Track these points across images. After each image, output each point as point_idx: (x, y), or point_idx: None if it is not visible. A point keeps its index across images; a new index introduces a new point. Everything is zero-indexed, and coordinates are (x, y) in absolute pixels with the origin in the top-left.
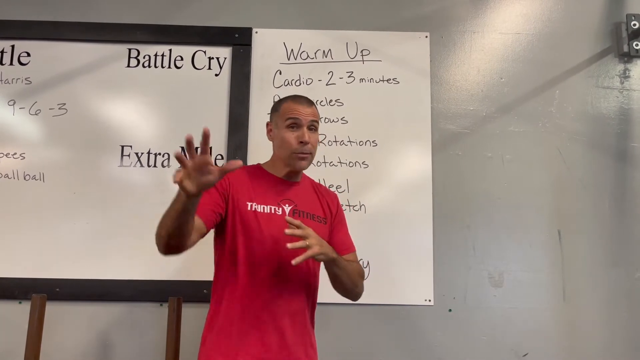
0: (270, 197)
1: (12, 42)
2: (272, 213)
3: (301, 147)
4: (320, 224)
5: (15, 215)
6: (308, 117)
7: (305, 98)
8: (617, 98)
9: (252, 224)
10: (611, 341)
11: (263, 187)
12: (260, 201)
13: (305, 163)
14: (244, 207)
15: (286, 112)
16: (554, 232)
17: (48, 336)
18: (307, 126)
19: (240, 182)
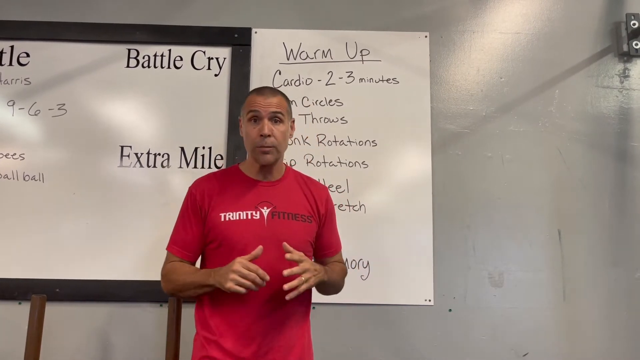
0: (246, 201)
1: (12, 43)
2: (249, 219)
3: (261, 140)
4: (305, 223)
5: (15, 216)
6: (268, 108)
7: (269, 88)
8: (616, 97)
9: (228, 234)
10: (611, 341)
11: (237, 192)
12: (234, 208)
13: (269, 157)
14: (218, 220)
15: (248, 105)
16: (554, 232)
17: (48, 337)
18: (268, 117)
19: (210, 194)
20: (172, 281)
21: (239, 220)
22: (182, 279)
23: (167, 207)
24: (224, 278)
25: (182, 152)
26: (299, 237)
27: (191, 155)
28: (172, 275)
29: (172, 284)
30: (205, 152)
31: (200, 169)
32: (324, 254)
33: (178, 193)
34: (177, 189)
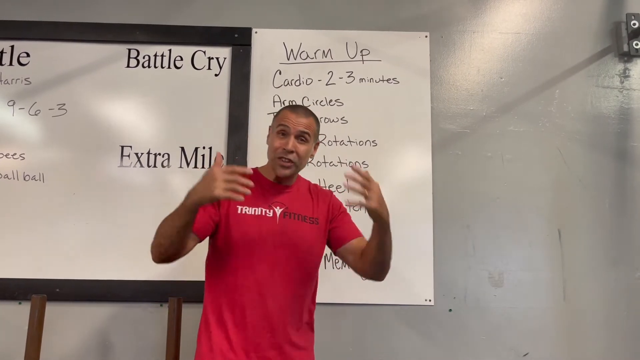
0: (261, 200)
1: (12, 43)
2: (262, 215)
3: (283, 154)
4: (312, 224)
5: (15, 216)
6: (298, 127)
7: (304, 108)
8: (617, 97)
9: (242, 226)
10: (611, 341)
11: (254, 190)
12: (250, 204)
13: (287, 171)
14: (235, 211)
15: (280, 119)
16: (554, 232)
17: (48, 337)
18: (295, 135)
19: None
20: (156, 234)
21: (253, 215)
22: (162, 223)
23: (167, 207)
24: (208, 189)
25: (183, 152)
26: (307, 237)
27: (191, 155)
28: (157, 230)
29: (157, 236)
30: (205, 152)
31: (200, 169)
32: (343, 241)
33: (178, 193)
34: (177, 189)
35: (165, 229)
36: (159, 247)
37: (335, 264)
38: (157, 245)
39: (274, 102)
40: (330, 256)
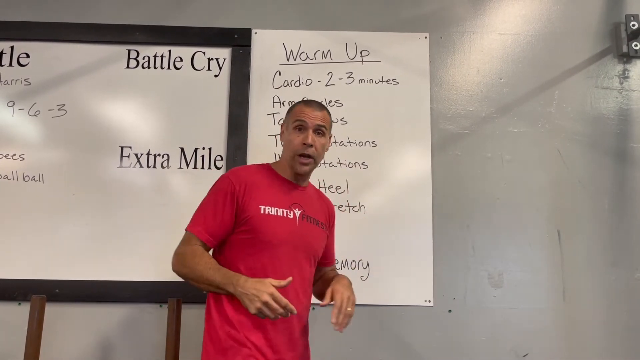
0: (281, 199)
1: (12, 43)
2: (284, 217)
3: (304, 149)
4: (323, 230)
5: (15, 217)
6: (315, 121)
7: (317, 102)
8: (616, 98)
9: (266, 227)
10: (611, 341)
11: (275, 189)
12: (272, 203)
13: (306, 168)
14: (257, 212)
15: (295, 114)
16: (553, 232)
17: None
18: (313, 129)
19: (250, 184)
20: (188, 266)
21: (276, 216)
22: (201, 269)
23: (166, 208)
24: (249, 299)
25: (182, 152)
26: (320, 242)
27: (191, 156)
28: (191, 260)
29: (187, 269)
30: (205, 153)
31: (200, 169)
32: (324, 263)
33: (178, 194)
34: (176, 190)
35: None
36: (183, 275)
37: None
38: (182, 274)
39: (274, 103)
40: None
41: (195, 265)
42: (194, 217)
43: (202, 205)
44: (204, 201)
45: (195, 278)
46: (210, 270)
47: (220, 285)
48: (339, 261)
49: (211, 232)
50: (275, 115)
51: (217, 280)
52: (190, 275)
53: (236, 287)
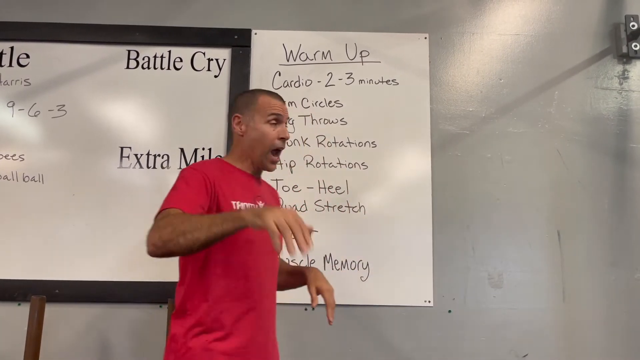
0: (247, 193)
1: (12, 44)
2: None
3: (281, 143)
4: None
5: (15, 217)
6: (286, 114)
7: (278, 93)
8: (616, 99)
9: None
10: (611, 341)
11: (239, 184)
12: (241, 198)
13: (275, 167)
14: (230, 207)
15: (267, 107)
16: (553, 233)
17: (47, 338)
18: (285, 122)
19: (220, 180)
20: (172, 224)
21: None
22: (196, 220)
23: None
24: (266, 214)
25: (182, 153)
26: None
27: (191, 156)
28: (177, 219)
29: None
30: (204, 153)
31: None
32: None
33: None
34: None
35: (191, 228)
36: (170, 242)
37: (335, 265)
38: (168, 239)
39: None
40: (329, 257)
41: (186, 220)
42: (168, 199)
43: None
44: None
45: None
46: (207, 218)
47: (228, 219)
48: (339, 261)
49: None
50: None
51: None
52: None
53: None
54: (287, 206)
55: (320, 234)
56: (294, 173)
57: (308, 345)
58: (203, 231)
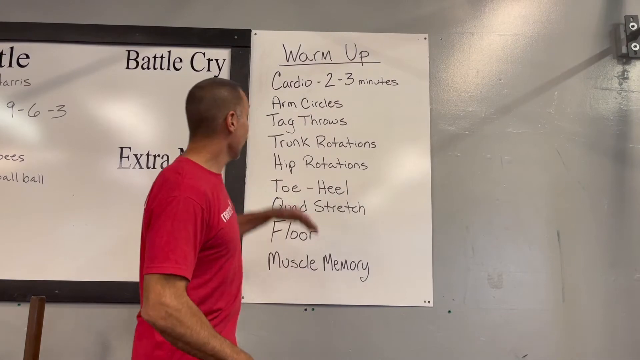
0: (224, 198)
1: (11, 44)
2: (232, 214)
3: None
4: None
5: (14, 217)
6: None
7: None
8: (615, 99)
9: (230, 233)
10: (610, 342)
11: (218, 191)
12: (224, 206)
13: None
14: (222, 222)
15: (245, 101)
16: (552, 233)
17: (47, 338)
18: None
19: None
20: (189, 327)
21: (231, 217)
22: (206, 335)
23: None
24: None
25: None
26: None
27: None
28: (190, 319)
29: (188, 330)
30: None
31: None
32: None
33: None
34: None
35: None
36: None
37: (335, 265)
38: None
39: (273, 104)
40: (329, 257)
41: (200, 329)
42: (169, 254)
43: (170, 237)
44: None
45: (196, 343)
46: (217, 340)
47: (228, 359)
48: (339, 262)
49: (191, 266)
50: (275, 116)
51: (227, 352)
52: (189, 338)
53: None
54: (287, 206)
55: (320, 234)
56: (294, 173)
57: (308, 345)
58: (201, 353)
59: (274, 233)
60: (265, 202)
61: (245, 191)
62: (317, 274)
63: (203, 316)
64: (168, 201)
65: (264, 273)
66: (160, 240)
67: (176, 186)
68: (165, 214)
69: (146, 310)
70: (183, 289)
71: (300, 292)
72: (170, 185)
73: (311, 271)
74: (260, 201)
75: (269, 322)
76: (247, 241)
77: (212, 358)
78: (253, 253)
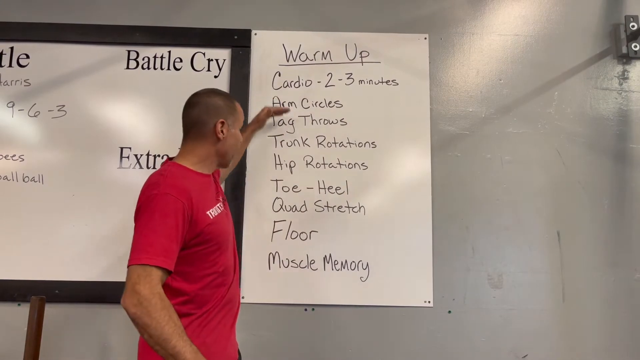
0: (213, 197)
1: (12, 44)
2: (222, 212)
3: None
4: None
5: (14, 217)
6: None
7: None
8: (615, 99)
9: (217, 230)
10: (610, 342)
11: (205, 189)
12: (212, 204)
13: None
14: (208, 219)
15: (240, 115)
16: (553, 233)
17: (47, 338)
18: None
19: (193, 194)
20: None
21: (219, 215)
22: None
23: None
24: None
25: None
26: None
27: None
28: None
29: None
30: None
31: None
32: None
33: None
34: None
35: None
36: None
37: (335, 265)
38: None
39: (274, 104)
40: (329, 257)
41: (165, 324)
42: (146, 246)
43: (148, 231)
44: (148, 226)
45: (159, 337)
46: (181, 340)
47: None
48: (339, 262)
49: (172, 259)
50: (275, 116)
51: (187, 356)
52: (153, 331)
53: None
54: (287, 206)
55: (320, 234)
56: (294, 173)
57: (308, 345)
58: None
59: (274, 233)
60: (265, 202)
61: (245, 191)
62: (317, 274)
63: (173, 312)
64: (149, 199)
65: (264, 273)
66: (139, 235)
67: (157, 185)
68: (145, 210)
69: (123, 298)
70: (158, 281)
71: (300, 292)
72: (152, 185)
73: (311, 271)
74: (260, 201)
75: (269, 322)
76: (247, 241)
77: (172, 358)
78: (253, 253)
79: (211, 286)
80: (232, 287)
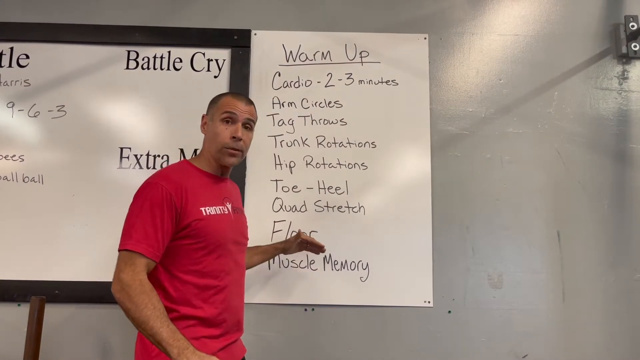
0: (214, 196)
1: (11, 44)
2: (222, 214)
3: (233, 143)
4: (244, 215)
5: (14, 218)
6: (244, 114)
7: (245, 96)
8: (615, 99)
9: (211, 228)
10: (610, 342)
11: (206, 187)
12: (209, 203)
13: (234, 160)
14: (199, 215)
15: (224, 106)
16: (553, 233)
17: (47, 338)
18: (242, 123)
19: (186, 187)
20: (134, 302)
21: (216, 214)
22: (148, 314)
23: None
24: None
25: (182, 153)
26: (247, 230)
27: (190, 156)
28: (139, 297)
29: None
30: None
31: None
32: None
33: None
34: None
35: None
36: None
37: (335, 265)
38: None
39: (273, 104)
40: (329, 258)
41: (143, 307)
42: (132, 233)
43: (136, 218)
44: (136, 214)
45: (138, 320)
46: (158, 321)
47: (162, 342)
48: (339, 262)
49: (157, 247)
50: (275, 116)
51: (163, 336)
52: (133, 314)
53: (180, 355)
54: (287, 206)
55: (320, 235)
56: (294, 173)
57: (308, 345)
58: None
59: (274, 233)
60: (265, 202)
61: (245, 191)
62: (317, 274)
63: (154, 296)
64: (142, 188)
65: (264, 273)
66: (127, 223)
67: (153, 176)
68: (135, 199)
69: (113, 284)
70: (142, 268)
71: (300, 292)
72: (150, 176)
73: (311, 271)
74: (260, 201)
75: (269, 322)
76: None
77: (152, 338)
78: None
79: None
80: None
